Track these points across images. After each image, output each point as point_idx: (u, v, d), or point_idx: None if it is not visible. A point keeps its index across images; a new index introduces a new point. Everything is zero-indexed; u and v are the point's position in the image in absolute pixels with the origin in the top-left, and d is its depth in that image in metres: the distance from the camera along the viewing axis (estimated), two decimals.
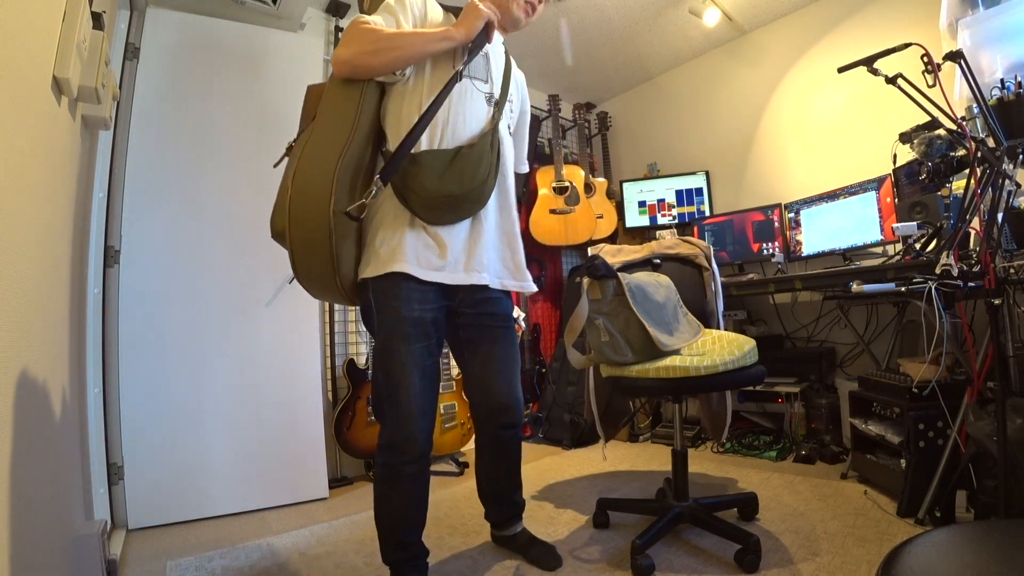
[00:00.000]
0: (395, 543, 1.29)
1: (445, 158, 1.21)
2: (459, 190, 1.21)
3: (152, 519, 1.89)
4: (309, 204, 1.11)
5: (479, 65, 1.34)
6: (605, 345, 1.44)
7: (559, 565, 1.43)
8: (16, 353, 0.79)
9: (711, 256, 1.90)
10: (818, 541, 1.49)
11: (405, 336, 1.21)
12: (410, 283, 1.20)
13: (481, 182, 1.25)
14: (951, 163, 1.65)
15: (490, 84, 1.37)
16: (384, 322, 1.22)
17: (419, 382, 1.23)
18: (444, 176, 1.19)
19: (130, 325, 1.91)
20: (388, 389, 1.23)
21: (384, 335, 1.23)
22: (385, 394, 1.24)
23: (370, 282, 1.22)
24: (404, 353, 1.21)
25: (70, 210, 1.33)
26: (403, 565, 1.29)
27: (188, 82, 2.09)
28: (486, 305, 1.37)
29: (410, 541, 1.31)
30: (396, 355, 1.21)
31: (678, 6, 2.76)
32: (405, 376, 1.21)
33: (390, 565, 1.30)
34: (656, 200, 3.23)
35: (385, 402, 1.25)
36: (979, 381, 1.55)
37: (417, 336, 1.23)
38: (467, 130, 1.28)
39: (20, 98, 0.80)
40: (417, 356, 1.23)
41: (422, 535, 1.34)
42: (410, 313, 1.21)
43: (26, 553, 0.77)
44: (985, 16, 1.89)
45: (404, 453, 1.24)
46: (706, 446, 2.60)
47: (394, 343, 1.21)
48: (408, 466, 1.24)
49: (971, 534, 0.73)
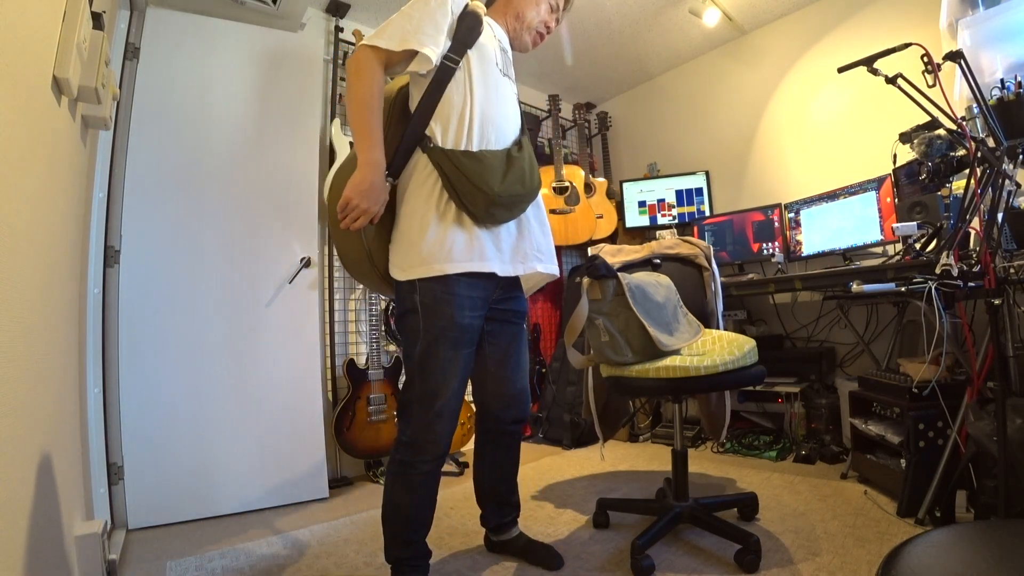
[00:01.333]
0: (402, 541, 1.28)
1: (502, 158, 1.21)
2: (522, 190, 1.23)
3: (152, 519, 1.89)
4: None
5: (506, 61, 1.35)
6: (605, 345, 1.44)
7: (562, 563, 1.44)
8: (16, 353, 0.79)
9: (711, 256, 1.90)
10: (818, 541, 1.49)
11: (455, 342, 1.21)
12: (463, 289, 1.20)
13: (538, 182, 1.29)
14: (951, 163, 1.64)
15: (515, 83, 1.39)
16: (433, 326, 1.20)
17: (458, 387, 1.24)
18: (507, 176, 1.19)
19: (130, 325, 1.91)
20: (423, 390, 1.22)
21: (431, 338, 1.20)
22: (418, 395, 1.22)
23: (418, 283, 1.19)
24: (451, 359, 1.21)
25: (70, 210, 1.33)
26: (405, 564, 1.29)
27: (188, 82, 2.09)
28: (511, 302, 1.39)
29: (416, 540, 1.30)
30: (442, 360, 1.20)
31: (678, 6, 2.76)
32: (447, 380, 1.21)
33: (392, 563, 1.29)
34: (656, 200, 3.23)
35: (416, 403, 1.23)
36: (979, 381, 1.55)
37: (466, 342, 1.24)
38: (510, 130, 1.29)
39: (20, 98, 0.80)
40: (462, 362, 1.23)
41: (427, 536, 1.33)
42: (462, 320, 1.21)
43: (26, 553, 0.77)
44: (985, 16, 1.89)
45: (425, 452, 1.23)
46: (706, 446, 2.60)
47: (441, 348, 1.20)
48: (425, 464, 1.25)
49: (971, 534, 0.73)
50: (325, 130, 2.48)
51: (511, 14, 1.37)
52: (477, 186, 1.16)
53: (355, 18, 2.70)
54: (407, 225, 1.22)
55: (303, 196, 2.26)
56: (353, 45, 2.57)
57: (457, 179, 1.16)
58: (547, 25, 1.40)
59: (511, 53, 1.42)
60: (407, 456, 1.24)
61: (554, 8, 1.39)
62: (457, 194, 1.17)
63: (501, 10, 1.39)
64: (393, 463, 1.27)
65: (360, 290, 2.58)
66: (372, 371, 2.35)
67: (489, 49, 1.28)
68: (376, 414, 2.31)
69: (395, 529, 1.28)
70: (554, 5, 1.38)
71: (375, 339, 2.37)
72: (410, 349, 1.24)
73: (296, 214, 2.23)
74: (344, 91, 2.61)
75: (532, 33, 1.39)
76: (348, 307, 2.56)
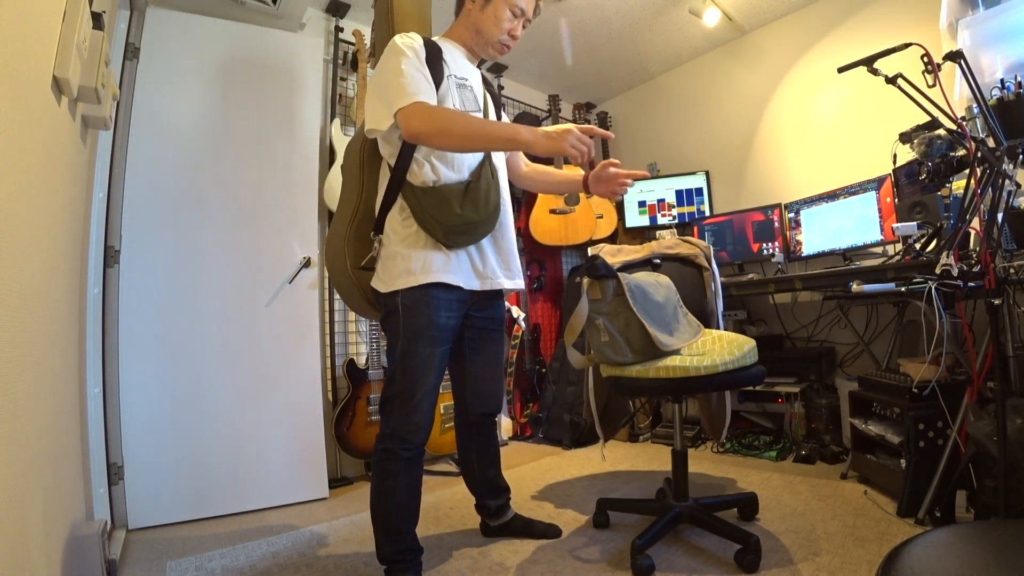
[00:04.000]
0: (393, 533, 1.34)
1: (459, 190, 1.33)
2: (476, 217, 1.33)
3: (152, 519, 1.89)
4: (335, 265, 1.44)
5: (470, 98, 1.42)
6: (605, 345, 1.44)
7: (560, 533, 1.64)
8: (16, 353, 0.79)
9: (711, 256, 1.90)
10: (818, 541, 1.49)
11: (432, 339, 1.33)
12: (440, 293, 1.32)
13: (494, 207, 1.39)
14: (951, 163, 1.64)
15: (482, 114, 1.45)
16: (412, 326, 1.31)
17: (434, 381, 1.35)
18: (463, 205, 1.31)
19: (130, 325, 1.91)
20: (403, 386, 1.32)
21: (409, 337, 1.32)
22: (399, 390, 1.32)
23: (401, 292, 1.31)
24: (428, 355, 1.33)
25: (70, 210, 1.33)
26: (397, 563, 1.34)
27: (188, 82, 2.09)
28: (492, 311, 1.53)
29: (405, 531, 1.36)
30: (420, 356, 1.32)
31: (678, 6, 2.76)
32: (425, 375, 1.32)
33: (386, 563, 1.35)
34: (656, 200, 3.23)
35: (397, 397, 1.33)
36: (979, 381, 1.55)
37: (442, 340, 1.35)
38: (473, 158, 1.39)
39: (20, 98, 0.80)
40: (438, 358, 1.35)
41: (415, 529, 1.39)
42: (438, 319, 1.32)
43: (26, 553, 0.77)
44: (985, 16, 1.89)
45: (406, 442, 1.33)
46: (706, 446, 2.60)
47: (420, 346, 1.32)
48: (407, 451, 1.34)
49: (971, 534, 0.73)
50: (325, 130, 2.48)
51: (470, 29, 1.43)
52: (435, 217, 1.29)
53: (355, 18, 2.70)
54: (390, 251, 1.35)
55: (303, 196, 2.26)
56: (352, 45, 2.57)
57: (420, 211, 1.30)
58: (511, 34, 1.42)
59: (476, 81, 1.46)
60: (389, 445, 1.33)
61: (518, 14, 1.40)
62: (423, 224, 1.31)
63: (461, 26, 1.44)
64: (376, 454, 1.36)
65: None
66: (372, 371, 2.35)
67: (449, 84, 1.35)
68: (376, 414, 2.31)
69: (384, 521, 1.35)
70: (517, 11, 1.39)
71: (375, 339, 2.37)
72: (391, 348, 1.36)
73: (296, 214, 2.23)
74: (344, 91, 2.61)
75: (496, 45, 1.43)
76: (348, 308, 2.56)
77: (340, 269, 1.42)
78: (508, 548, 1.60)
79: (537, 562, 1.49)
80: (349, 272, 1.40)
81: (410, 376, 1.32)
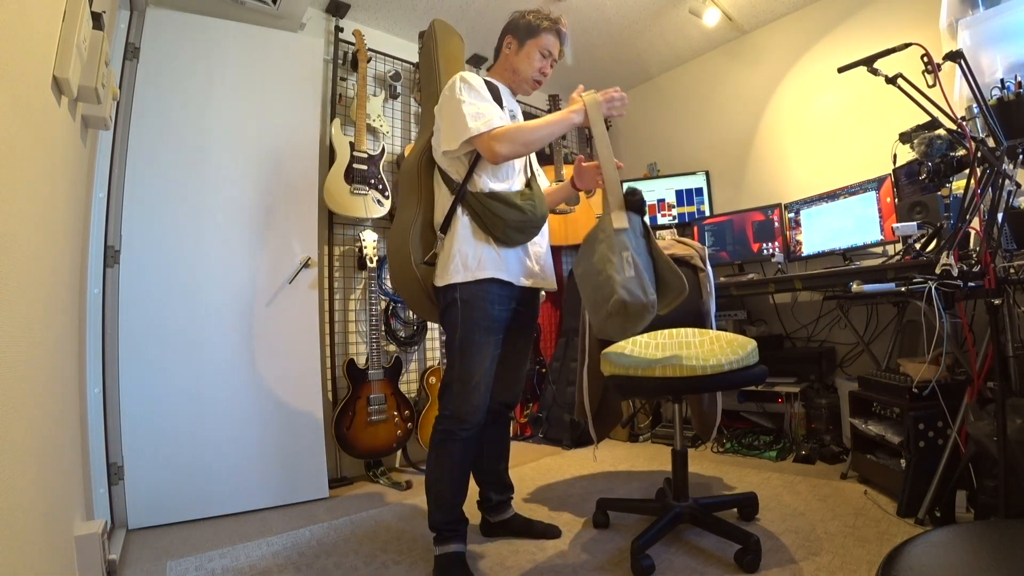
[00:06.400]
0: (447, 506, 1.48)
1: (518, 193, 1.53)
2: (535, 214, 1.52)
3: (152, 519, 1.89)
4: (398, 259, 1.57)
5: (517, 110, 1.67)
6: (631, 281, 1.29)
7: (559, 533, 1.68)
8: (16, 353, 0.79)
9: (706, 257, 1.90)
10: (818, 541, 1.49)
11: (488, 329, 1.47)
12: (495, 287, 1.47)
13: (544, 212, 1.57)
14: (951, 163, 1.64)
15: None
16: (470, 318, 1.46)
17: (489, 367, 1.49)
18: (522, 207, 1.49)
19: (130, 325, 1.91)
20: (463, 371, 1.46)
21: (468, 328, 1.46)
22: (458, 375, 1.46)
23: (459, 286, 1.46)
24: (484, 343, 1.47)
25: (70, 210, 1.33)
26: (446, 531, 1.47)
27: (188, 82, 2.09)
28: (531, 306, 1.67)
29: (456, 504, 1.49)
30: (477, 344, 1.46)
31: (678, 6, 2.76)
32: (482, 360, 1.46)
33: (436, 531, 1.47)
34: (656, 200, 3.22)
35: (456, 382, 1.46)
36: (979, 381, 1.55)
37: (496, 329, 1.50)
38: (517, 170, 1.58)
39: (20, 98, 0.80)
40: (493, 345, 1.49)
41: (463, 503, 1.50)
42: (494, 311, 1.48)
43: (26, 553, 0.77)
44: (985, 16, 1.89)
45: (465, 421, 1.45)
46: (706, 446, 2.60)
47: (478, 335, 1.46)
48: (465, 431, 1.46)
49: (971, 534, 0.73)
50: (325, 130, 2.48)
51: (509, 70, 1.64)
52: (499, 215, 1.46)
53: (355, 18, 2.70)
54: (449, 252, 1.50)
55: (303, 196, 2.26)
56: (352, 45, 2.57)
57: (484, 212, 1.47)
58: (542, 71, 1.62)
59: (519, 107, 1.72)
60: (449, 426, 1.47)
61: (546, 55, 1.61)
62: (485, 223, 1.48)
63: (501, 68, 1.66)
64: (436, 434, 1.49)
65: (360, 290, 2.59)
66: (372, 371, 2.35)
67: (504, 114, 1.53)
68: (376, 414, 2.31)
69: (439, 495, 1.48)
70: (545, 53, 1.61)
71: (375, 339, 2.37)
72: (451, 338, 1.49)
73: (296, 214, 2.23)
74: (344, 91, 2.61)
75: (530, 83, 1.64)
76: (348, 307, 2.56)
77: (404, 263, 1.55)
78: (508, 548, 1.60)
79: (537, 562, 1.49)
80: (413, 267, 1.53)
81: (469, 361, 1.45)
